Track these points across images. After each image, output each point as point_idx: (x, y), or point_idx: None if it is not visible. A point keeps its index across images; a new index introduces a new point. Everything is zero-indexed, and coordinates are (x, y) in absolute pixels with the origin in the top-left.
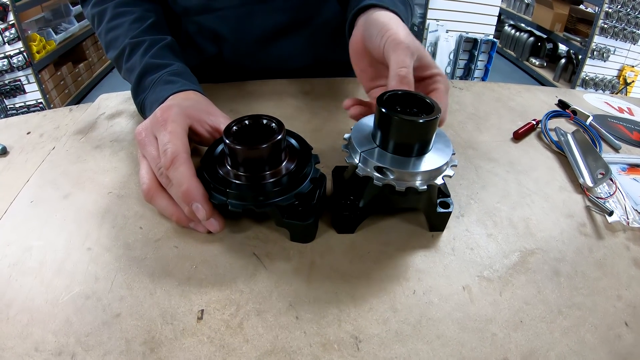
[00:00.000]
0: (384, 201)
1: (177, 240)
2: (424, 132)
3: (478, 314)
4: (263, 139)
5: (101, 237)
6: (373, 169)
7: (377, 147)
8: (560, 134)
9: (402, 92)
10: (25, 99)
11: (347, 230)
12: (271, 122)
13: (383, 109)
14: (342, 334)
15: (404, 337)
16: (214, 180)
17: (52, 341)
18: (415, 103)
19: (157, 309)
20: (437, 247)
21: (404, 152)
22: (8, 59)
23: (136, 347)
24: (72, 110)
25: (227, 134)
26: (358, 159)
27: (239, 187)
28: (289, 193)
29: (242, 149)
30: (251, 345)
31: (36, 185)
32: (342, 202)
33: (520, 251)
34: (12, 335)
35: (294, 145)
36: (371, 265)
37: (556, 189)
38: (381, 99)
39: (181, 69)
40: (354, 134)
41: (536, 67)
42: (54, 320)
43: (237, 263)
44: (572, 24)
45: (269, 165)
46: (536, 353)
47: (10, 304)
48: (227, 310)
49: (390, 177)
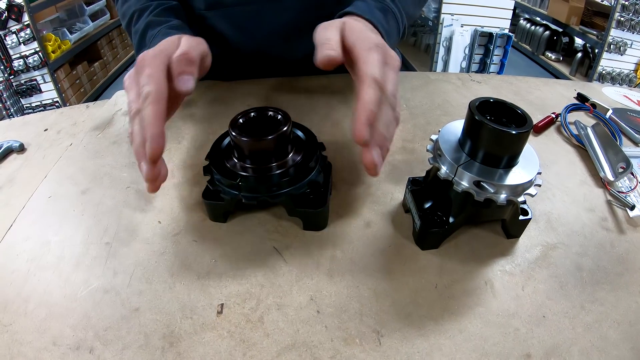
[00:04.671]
0: (473, 215)
1: (196, 235)
2: (521, 143)
3: (500, 308)
4: (270, 131)
5: (119, 232)
6: (472, 184)
7: (467, 155)
8: (580, 128)
9: (494, 100)
10: (41, 98)
11: (432, 246)
12: (277, 113)
13: (480, 117)
14: (363, 328)
15: (426, 331)
16: (224, 175)
17: (70, 335)
18: (505, 113)
19: (176, 303)
20: (457, 242)
21: (494, 163)
22: (24, 59)
23: (155, 341)
24: (89, 107)
25: (233, 126)
26: (452, 171)
27: (250, 179)
28: (301, 182)
29: (249, 141)
30: (272, 340)
31: (54, 180)
32: (430, 218)
33: (542, 245)
34: (30, 330)
35: (299, 135)
36: (392, 259)
37: (577, 182)
38: (474, 106)
39: (180, 25)
40: (441, 140)
41: (552, 61)
42: (72, 314)
43: (257, 257)
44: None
45: (278, 156)
46: (559, 349)
47: (28, 299)
48: (247, 304)
49: (491, 190)
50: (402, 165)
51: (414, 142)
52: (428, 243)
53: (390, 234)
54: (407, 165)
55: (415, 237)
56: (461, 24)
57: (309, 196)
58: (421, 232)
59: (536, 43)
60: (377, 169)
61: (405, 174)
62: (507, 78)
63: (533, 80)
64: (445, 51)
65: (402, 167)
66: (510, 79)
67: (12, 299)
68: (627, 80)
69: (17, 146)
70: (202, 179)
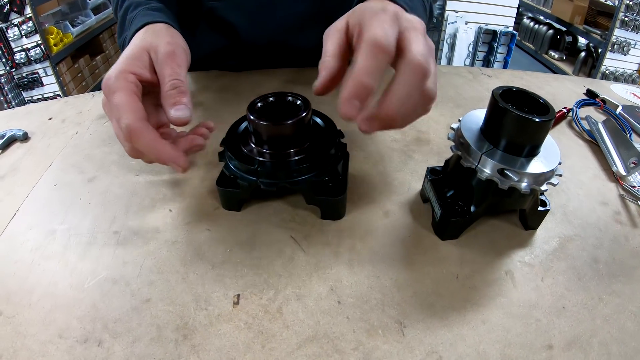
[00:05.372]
0: (494, 204)
1: (210, 223)
2: (544, 132)
3: (521, 299)
4: (289, 116)
5: (128, 221)
6: (496, 172)
7: (489, 143)
8: (591, 123)
9: (516, 89)
10: (43, 91)
11: (452, 236)
12: (297, 99)
13: (504, 105)
14: (386, 319)
15: (449, 322)
16: (241, 160)
17: (77, 327)
18: (527, 102)
19: (190, 294)
20: (476, 232)
21: (517, 151)
22: (26, 52)
23: (168, 333)
24: (95, 96)
25: (252, 110)
26: (476, 159)
27: (269, 165)
28: (321, 169)
29: (269, 125)
30: (292, 331)
31: (59, 168)
32: (451, 207)
33: (559, 237)
34: (34, 322)
35: (318, 122)
36: (412, 249)
37: (590, 176)
38: (498, 94)
39: (161, 7)
40: (464, 128)
41: (555, 60)
42: (79, 305)
43: (273, 246)
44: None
45: (298, 142)
46: (579, 339)
47: (32, 289)
48: (265, 294)
49: (514, 179)
50: (418, 155)
51: (429, 133)
52: (448, 233)
53: (409, 223)
54: (423, 155)
55: (434, 227)
56: (465, 21)
57: (328, 184)
58: (442, 221)
59: (539, 42)
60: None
61: (421, 164)
62: (518, 73)
63: (543, 76)
64: (449, 48)
65: (418, 157)
66: (520, 73)
67: (16, 289)
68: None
69: (21, 135)
70: (213, 167)
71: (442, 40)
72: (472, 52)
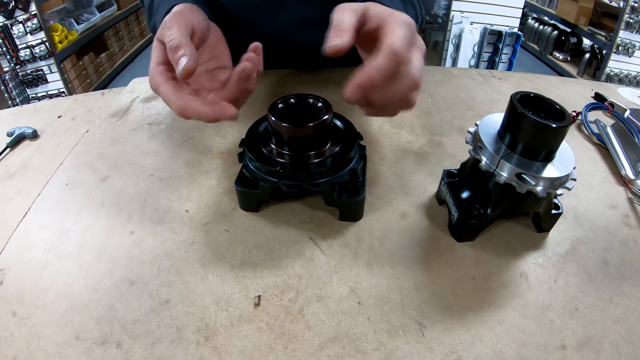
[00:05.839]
0: (510, 207)
1: (227, 224)
2: (560, 137)
3: (536, 300)
4: (310, 118)
5: (144, 221)
6: (514, 176)
7: (506, 147)
8: (600, 126)
9: (534, 94)
10: (47, 88)
11: (468, 238)
12: (318, 101)
13: (522, 110)
14: (406, 319)
15: (467, 322)
16: (262, 161)
17: (95, 329)
18: (544, 107)
19: (210, 295)
20: (491, 234)
21: (533, 155)
22: (30, 49)
23: (188, 335)
24: (105, 94)
25: (273, 111)
26: (494, 163)
27: (290, 166)
28: (342, 170)
29: (292, 127)
30: (313, 332)
31: (71, 167)
32: (469, 210)
33: (570, 239)
34: (50, 323)
35: (337, 124)
36: (429, 251)
37: (599, 180)
38: (516, 99)
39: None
40: (482, 132)
41: (560, 61)
42: (95, 306)
43: (293, 247)
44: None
45: (319, 144)
46: (591, 340)
47: (47, 290)
48: (286, 295)
49: (532, 183)
50: (433, 157)
51: (442, 136)
52: (465, 235)
53: (425, 225)
54: (437, 157)
55: (451, 229)
56: (471, 22)
57: (347, 185)
58: (459, 223)
59: (544, 43)
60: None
61: (436, 166)
62: (527, 75)
63: (552, 79)
64: (454, 49)
65: (433, 159)
66: (530, 76)
67: (29, 290)
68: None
69: (30, 133)
70: (229, 167)
71: (447, 41)
72: (477, 52)
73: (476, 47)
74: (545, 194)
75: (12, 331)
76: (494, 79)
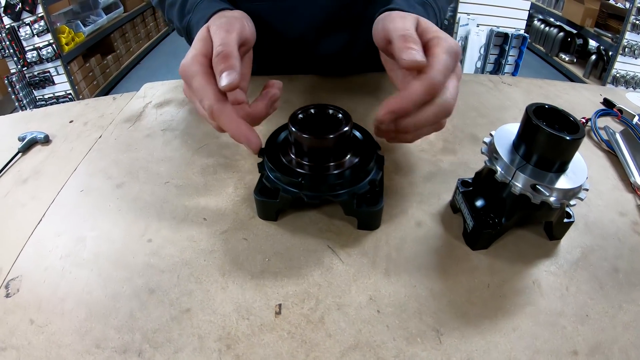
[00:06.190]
0: (524, 216)
1: (246, 232)
2: (574, 149)
3: (548, 307)
4: (330, 129)
5: (162, 229)
6: (529, 187)
7: (521, 158)
8: (609, 133)
9: (549, 106)
10: (54, 90)
11: (483, 246)
12: (338, 112)
13: (537, 122)
14: (424, 327)
15: (482, 329)
16: (284, 172)
17: (115, 338)
18: (558, 119)
19: (230, 304)
20: (504, 242)
21: (547, 166)
22: (37, 50)
23: (210, 343)
24: (116, 99)
25: (294, 122)
26: (509, 174)
27: (312, 177)
28: (363, 181)
29: (313, 139)
30: (334, 340)
31: (85, 173)
32: (484, 219)
33: (581, 247)
34: (69, 331)
35: (355, 134)
36: (445, 259)
37: (609, 187)
38: (531, 111)
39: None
40: (497, 143)
41: (566, 62)
42: (115, 315)
43: (311, 256)
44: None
45: (339, 154)
46: (602, 346)
47: (65, 298)
48: (306, 304)
49: (546, 194)
50: (446, 165)
51: (455, 144)
52: (480, 243)
53: (440, 234)
54: (451, 165)
55: (466, 238)
56: (477, 24)
57: (366, 195)
58: (474, 232)
59: (550, 44)
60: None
61: (449, 174)
62: (536, 81)
63: (561, 84)
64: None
65: (446, 167)
66: (539, 82)
67: (47, 297)
68: None
69: (42, 137)
70: (245, 175)
71: None
72: (484, 55)
73: (482, 49)
74: (558, 205)
75: (30, 339)
76: (504, 84)
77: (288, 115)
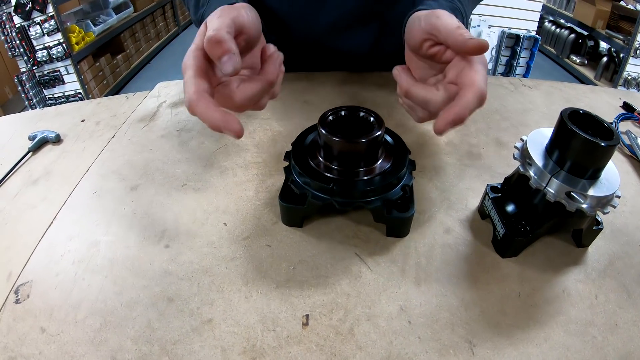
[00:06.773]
0: (556, 224)
1: (269, 239)
2: (608, 156)
3: (578, 317)
4: (362, 132)
5: (180, 234)
6: (563, 194)
7: (554, 164)
8: (631, 138)
9: (583, 112)
10: (64, 89)
11: (513, 254)
12: (369, 115)
13: (572, 127)
14: (456, 338)
15: (514, 340)
16: (314, 177)
17: (132, 349)
18: (592, 125)
19: (255, 314)
20: (533, 250)
21: (581, 173)
22: (47, 50)
23: (234, 356)
24: (129, 98)
25: (323, 123)
26: (544, 180)
27: (344, 183)
28: (396, 187)
29: (345, 142)
30: (365, 353)
31: (98, 175)
32: (515, 227)
33: (608, 254)
34: (83, 341)
35: (386, 138)
36: (475, 267)
37: (633, 193)
38: (566, 116)
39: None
40: (531, 149)
41: (577, 64)
42: (132, 325)
43: (338, 264)
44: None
45: (371, 159)
46: (632, 356)
47: (78, 306)
48: (335, 315)
49: (581, 201)
50: (472, 170)
51: (479, 147)
52: (510, 251)
53: (469, 240)
54: (477, 170)
55: (495, 245)
56: (489, 25)
57: (396, 201)
58: (505, 239)
59: (561, 46)
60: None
61: (476, 179)
62: (556, 84)
63: (580, 87)
64: None
65: (472, 171)
66: (559, 85)
67: (59, 305)
68: None
69: (53, 137)
70: (266, 178)
71: None
72: (495, 56)
73: (494, 50)
74: (593, 212)
75: (41, 349)
76: (525, 87)
77: (309, 116)
